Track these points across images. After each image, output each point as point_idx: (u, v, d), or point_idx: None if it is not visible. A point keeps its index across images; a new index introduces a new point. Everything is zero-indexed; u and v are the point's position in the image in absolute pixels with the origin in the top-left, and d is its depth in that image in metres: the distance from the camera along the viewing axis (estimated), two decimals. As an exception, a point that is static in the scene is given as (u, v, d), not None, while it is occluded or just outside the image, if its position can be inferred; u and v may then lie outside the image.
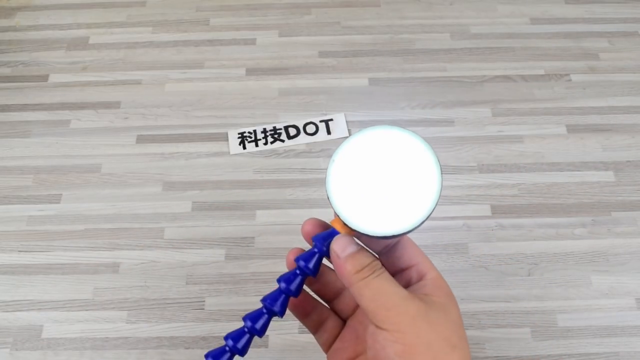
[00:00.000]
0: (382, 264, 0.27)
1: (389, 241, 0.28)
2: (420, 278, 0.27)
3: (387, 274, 0.25)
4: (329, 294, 0.30)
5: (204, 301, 0.50)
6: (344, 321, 0.30)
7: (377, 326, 0.25)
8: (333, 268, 0.29)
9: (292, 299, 0.28)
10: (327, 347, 0.30)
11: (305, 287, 0.30)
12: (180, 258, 0.52)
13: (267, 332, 0.48)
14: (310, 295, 0.30)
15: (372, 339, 0.26)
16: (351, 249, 0.26)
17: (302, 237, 0.30)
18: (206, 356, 0.27)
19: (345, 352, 0.29)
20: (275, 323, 0.48)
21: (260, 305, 0.28)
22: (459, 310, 0.26)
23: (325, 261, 0.29)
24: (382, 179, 0.26)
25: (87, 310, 0.49)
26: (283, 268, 0.30)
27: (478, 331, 0.48)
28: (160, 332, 0.48)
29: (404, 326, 0.24)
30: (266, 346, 0.47)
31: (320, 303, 0.30)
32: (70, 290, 0.51)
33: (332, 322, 0.30)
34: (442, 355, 0.24)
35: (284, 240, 0.53)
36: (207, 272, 0.51)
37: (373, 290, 0.25)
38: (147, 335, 0.48)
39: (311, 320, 0.30)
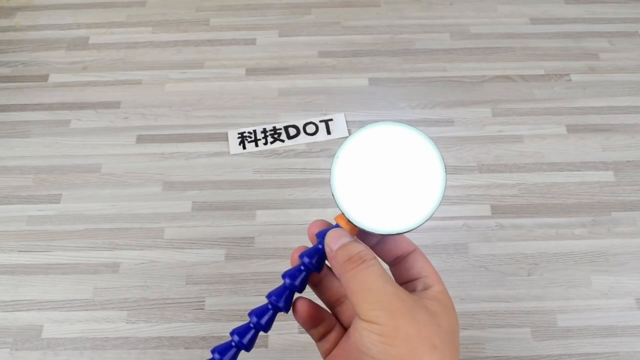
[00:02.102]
0: (385, 257, 0.27)
1: (383, 236, 0.28)
2: (425, 289, 0.27)
3: (377, 267, 0.25)
4: (332, 299, 0.31)
5: (204, 301, 0.50)
6: (345, 329, 0.31)
7: (358, 316, 0.25)
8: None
9: (303, 312, 0.29)
10: (325, 355, 0.30)
11: (312, 295, 0.30)
12: (180, 258, 0.52)
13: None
14: (321, 308, 0.30)
15: (353, 327, 0.26)
16: (343, 240, 0.26)
17: (302, 237, 0.30)
18: (212, 351, 0.27)
19: (340, 359, 0.29)
20: (275, 323, 0.48)
21: (265, 301, 0.28)
22: (454, 322, 0.26)
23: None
24: (386, 176, 0.26)
25: (87, 310, 0.49)
26: (283, 267, 0.30)
27: (478, 331, 0.48)
28: (160, 332, 0.48)
29: (382, 319, 0.24)
30: (266, 346, 0.47)
31: (329, 314, 0.30)
32: (70, 290, 0.51)
33: (335, 333, 0.30)
34: (421, 351, 0.23)
35: (284, 240, 0.53)
36: (207, 272, 0.51)
37: (359, 283, 0.25)
38: (147, 335, 0.48)
39: (317, 331, 0.30)
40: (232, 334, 0.27)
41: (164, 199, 0.56)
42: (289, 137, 0.60)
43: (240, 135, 0.60)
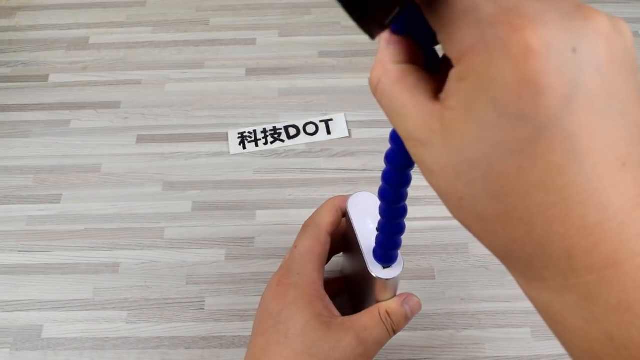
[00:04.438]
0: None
1: None
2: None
3: (409, 80, 0.18)
4: None
5: (204, 301, 0.50)
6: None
7: None
8: None
9: None
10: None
11: None
12: (180, 258, 0.52)
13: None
14: None
15: None
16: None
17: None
18: None
19: None
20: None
21: None
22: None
23: None
24: None
25: (87, 310, 0.49)
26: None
27: (478, 331, 0.48)
28: (160, 332, 0.48)
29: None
30: (266, 346, 0.47)
31: None
32: (70, 290, 0.51)
33: None
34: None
35: (284, 240, 0.53)
36: (207, 272, 0.51)
37: (388, 102, 0.19)
38: (147, 335, 0.48)
39: None
40: None
41: (164, 199, 0.56)
42: (289, 137, 0.60)
43: (240, 135, 0.61)
